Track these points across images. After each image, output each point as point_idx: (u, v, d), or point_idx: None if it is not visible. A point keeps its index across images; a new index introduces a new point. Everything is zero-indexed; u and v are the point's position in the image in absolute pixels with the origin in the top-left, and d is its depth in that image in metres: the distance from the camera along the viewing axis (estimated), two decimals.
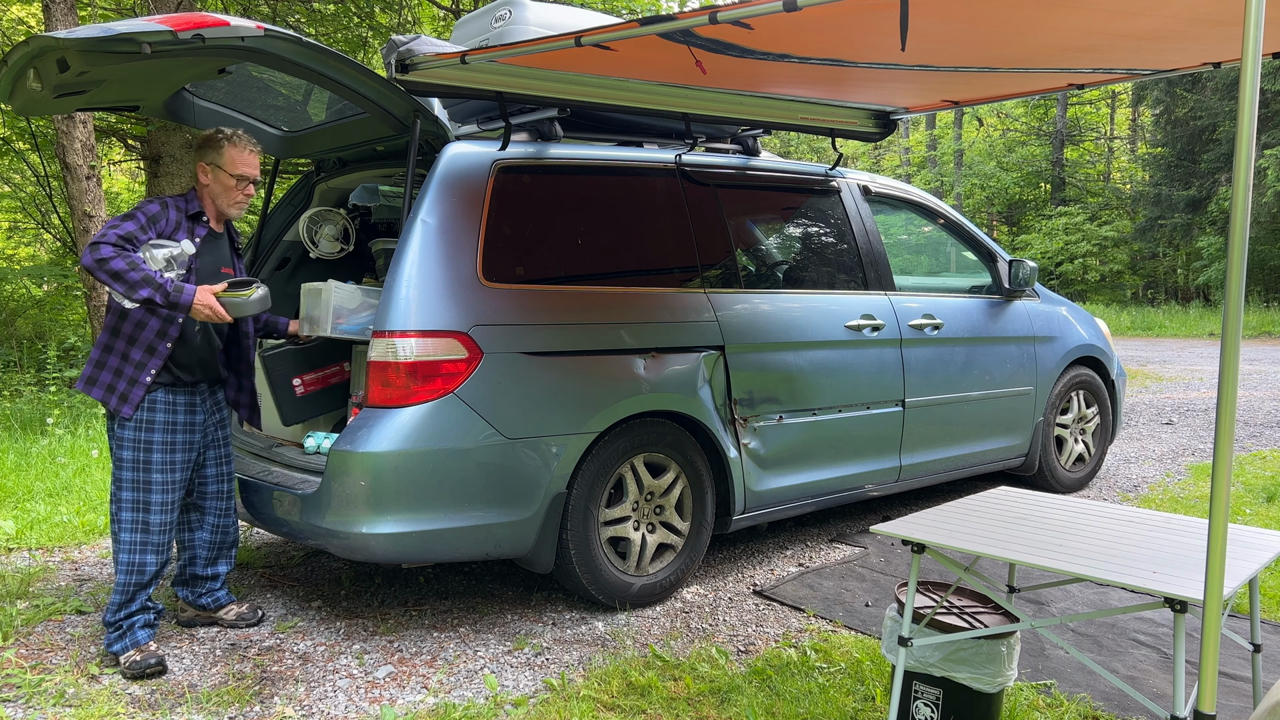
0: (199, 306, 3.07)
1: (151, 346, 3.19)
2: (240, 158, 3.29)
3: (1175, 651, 2.11)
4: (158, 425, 3.23)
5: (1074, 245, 25.36)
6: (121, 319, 3.19)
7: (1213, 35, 2.85)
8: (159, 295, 2.99)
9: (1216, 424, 1.90)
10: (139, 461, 3.21)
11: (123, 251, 2.97)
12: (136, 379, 3.17)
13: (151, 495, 3.23)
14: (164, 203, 3.20)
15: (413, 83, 3.27)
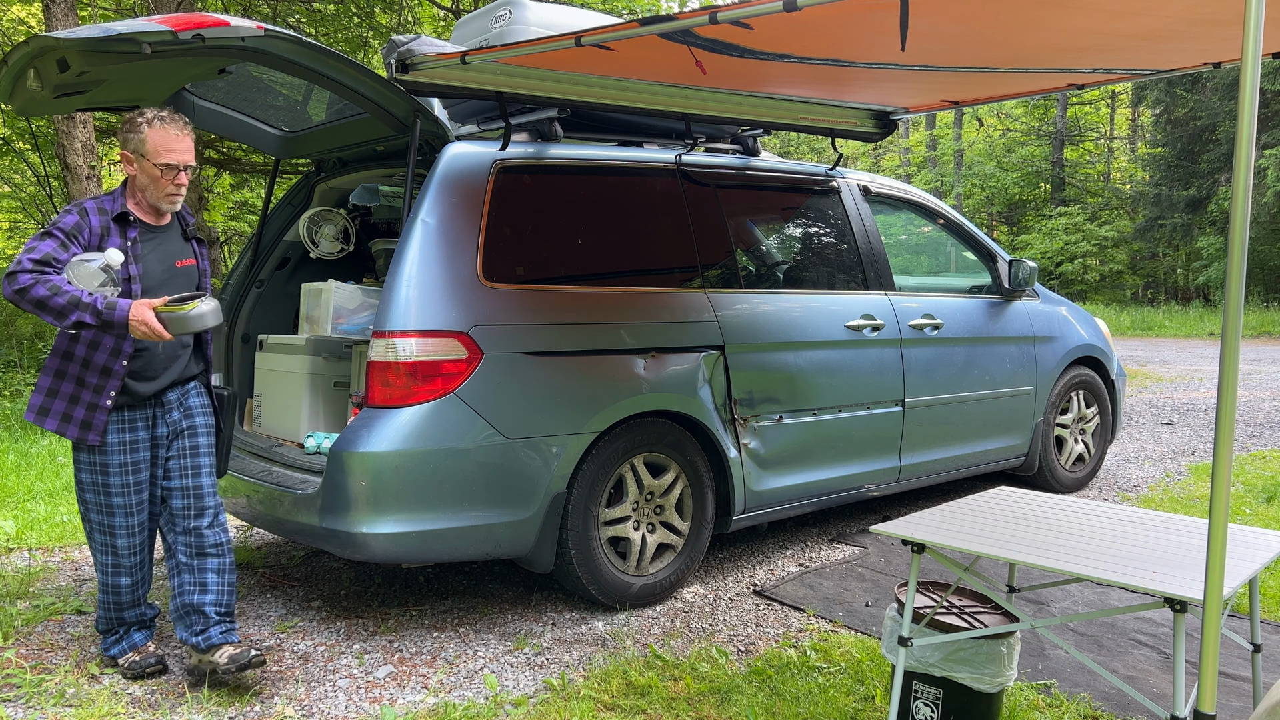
0: (134, 323, 2.76)
1: (107, 368, 2.94)
2: (165, 142, 2.89)
3: (1175, 651, 2.11)
4: (112, 448, 3.00)
5: (1074, 245, 25.38)
6: (74, 341, 2.95)
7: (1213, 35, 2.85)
8: (89, 316, 2.72)
9: (1216, 424, 1.90)
10: (98, 486, 3.03)
11: (42, 276, 2.69)
12: (97, 404, 2.94)
13: (115, 518, 3.05)
14: (82, 210, 2.89)
15: (413, 83, 3.27)
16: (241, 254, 4.64)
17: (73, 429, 2.95)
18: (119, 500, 3.04)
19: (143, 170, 2.93)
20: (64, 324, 2.71)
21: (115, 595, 3.15)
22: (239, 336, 4.51)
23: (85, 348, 2.94)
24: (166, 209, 3.01)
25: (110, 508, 3.05)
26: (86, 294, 2.73)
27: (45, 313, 2.70)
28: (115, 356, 2.94)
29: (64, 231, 2.82)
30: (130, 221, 2.96)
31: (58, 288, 2.69)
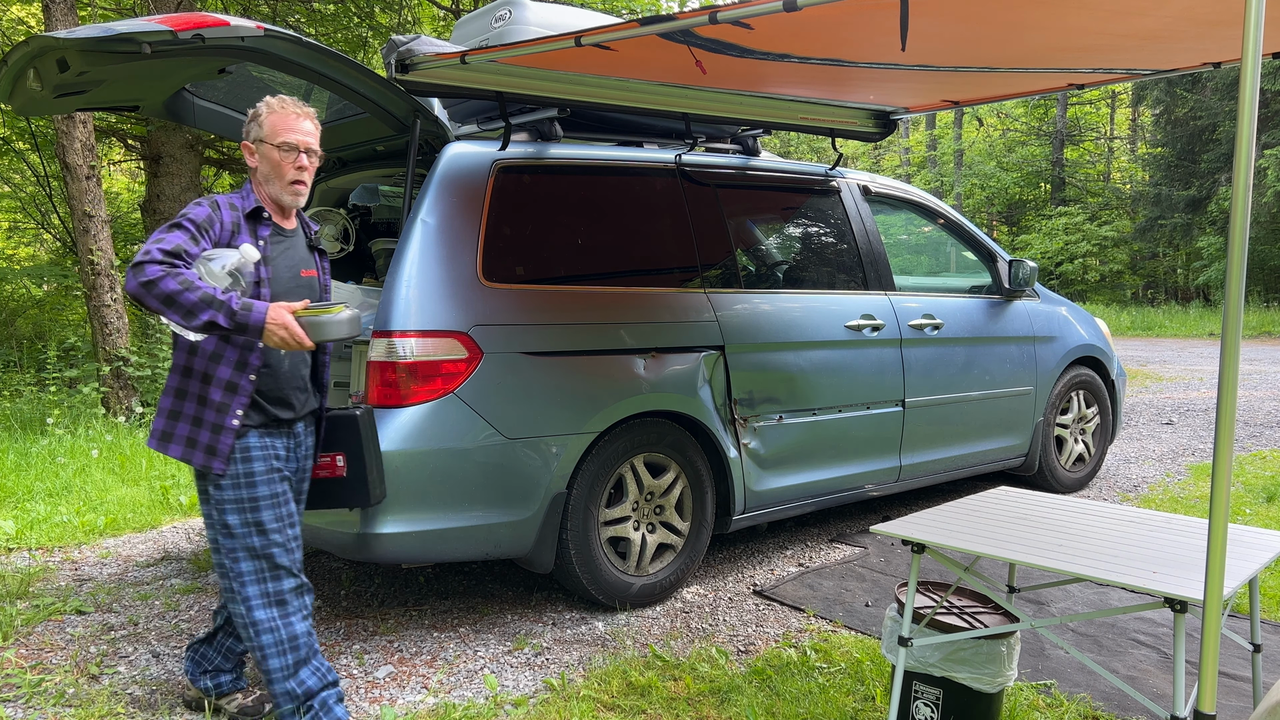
0: (272, 328, 2.43)
1: (232, 384, 2.58)
2: (283, 122, 2.65)
3: (1175, 651, 2.11)
4: (259, 477, 2.61)
5: (1074, 245, 25.37)
6: (191, 354, 2.59)
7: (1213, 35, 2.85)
8: (223, 317, 2.38)
9: (1216, 424, 1.90)
10: (249, 525, 2.60)
11: (173, 269, 2.36)
12: (222, 425, 2.56)
13: (276, 558, 2.62)
14: (214, 203, 2.59)
15: (413, 83, 3.27)
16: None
17: (198, 455, 2.57)
18: (276, 537, 2.62)
19: (263, 157, 2.65)
20: (191, 324, 2.37)
21: (293, 653, 2.64)
22: None
23: (206, 361, 2.58)
24: (289, 201, 2.69)
25: (269, 548, 2.62)
26: (220, 291, 2.40)
27: (172, 310, 2.35)
28: (240, 370, 2.58)
29: (194, 223, 2.50)
30: (263, 219, 2.68)
31: (190, 282, 2.36)
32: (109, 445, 6.85)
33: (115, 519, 5.13)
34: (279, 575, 2.63)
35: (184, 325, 2.38)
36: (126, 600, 3.93)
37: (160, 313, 2.36)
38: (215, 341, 2.57)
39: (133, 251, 14.37)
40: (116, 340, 8.18)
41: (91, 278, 8.10)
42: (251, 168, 2.69)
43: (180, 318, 2.36)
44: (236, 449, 2.58)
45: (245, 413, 2.59)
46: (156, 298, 2.33)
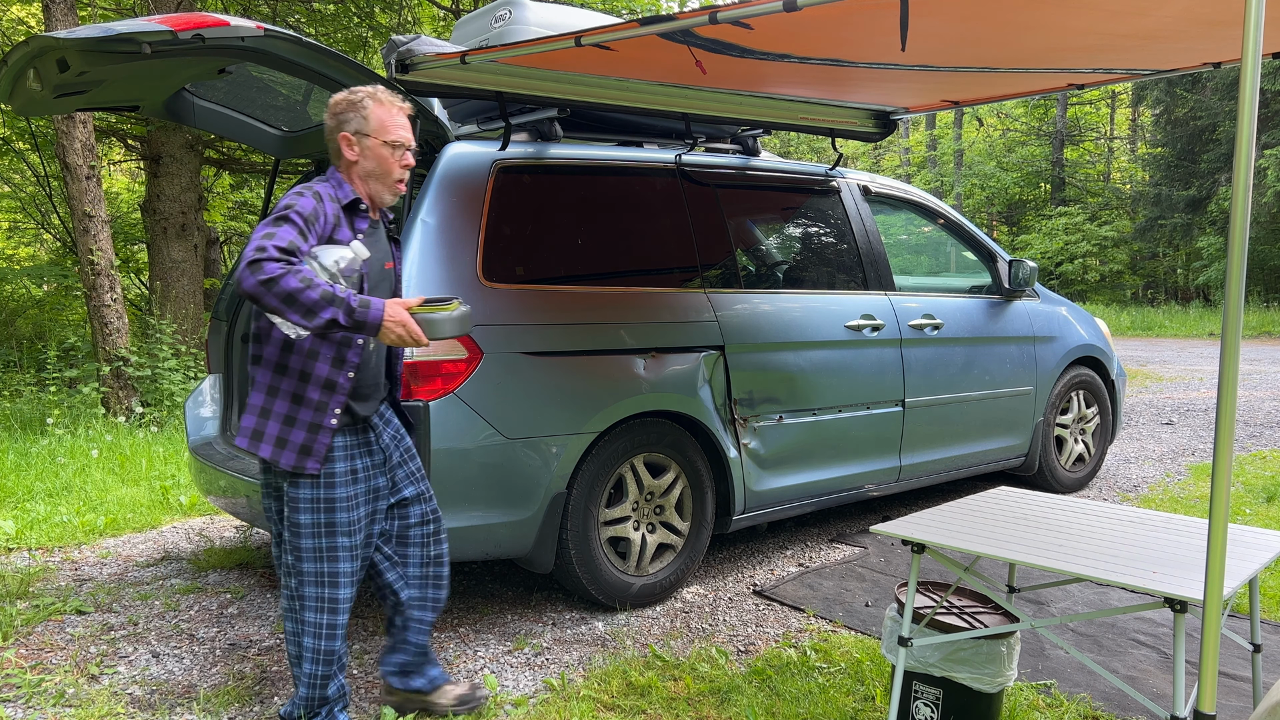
0: (390, 325, 2.36)
1: (330, 382, 2.50)
2: (391, 117, 2.58)
3: (1175, 651, 2.11)
4: (338, 478, 2.55)
5: (1074, 245, 25.37)
6: (286, 351, 2.50)
7: (1213, 35, 2.85)
8: (343, 315, 2.28)
9: (1216, 424, 1.90)
10: (319, 526, 2.54)
11: (291, 266, 2.25)
12: (320, 424, 2.49)
13: (339, 564, 2.57)
14: (317, 195, 2.47)
15: (413, 83, 3.27)
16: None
17: (288, 455, 2.48)
18: (344, 542, 2.57)
19: (367, 152, 2.55)
20: (312, 323, 2.26)
21: (326, 666, 2.61)
22: (239, 336, 4.51)
23: (303, 358, 2.49)
24: (389, 200, 2.63)
25: (334, 552, 2.56)
26: (338, 288, 2.31)
27: (292, 309, 2.24)
28: (338, 368, 2.50)
29: (303, 217, 2.38)
30: (360, 211, 2.58)
31: (309, 280, 2.25)
32: (109, 445, 6.85)
33: (115, 519, 5.13)
34: (337, 582, 2.58)
35: (303, 324, 2.27)
36: (126, 600, 3.93)
37: (277, 312, 2.25)
38: (311, 340, 2.48)
39: (132, 252, 14.37)
40: (116, 340, 8.18)
41: (91, 278, 8.10)
42: (349, 160, 2.57)
43: (300, 316, 2.25)
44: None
45: (342, 413, 2.53)
46: (276, 296, 2.22)
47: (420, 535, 2.82)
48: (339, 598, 2.58)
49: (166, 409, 8.03)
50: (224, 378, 4.51)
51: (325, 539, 2.55)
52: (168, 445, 6.94)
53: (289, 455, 2.49)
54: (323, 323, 2.27)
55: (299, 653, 2.61)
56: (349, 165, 2.58)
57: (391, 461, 2.75)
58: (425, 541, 2.83)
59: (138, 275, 13.82)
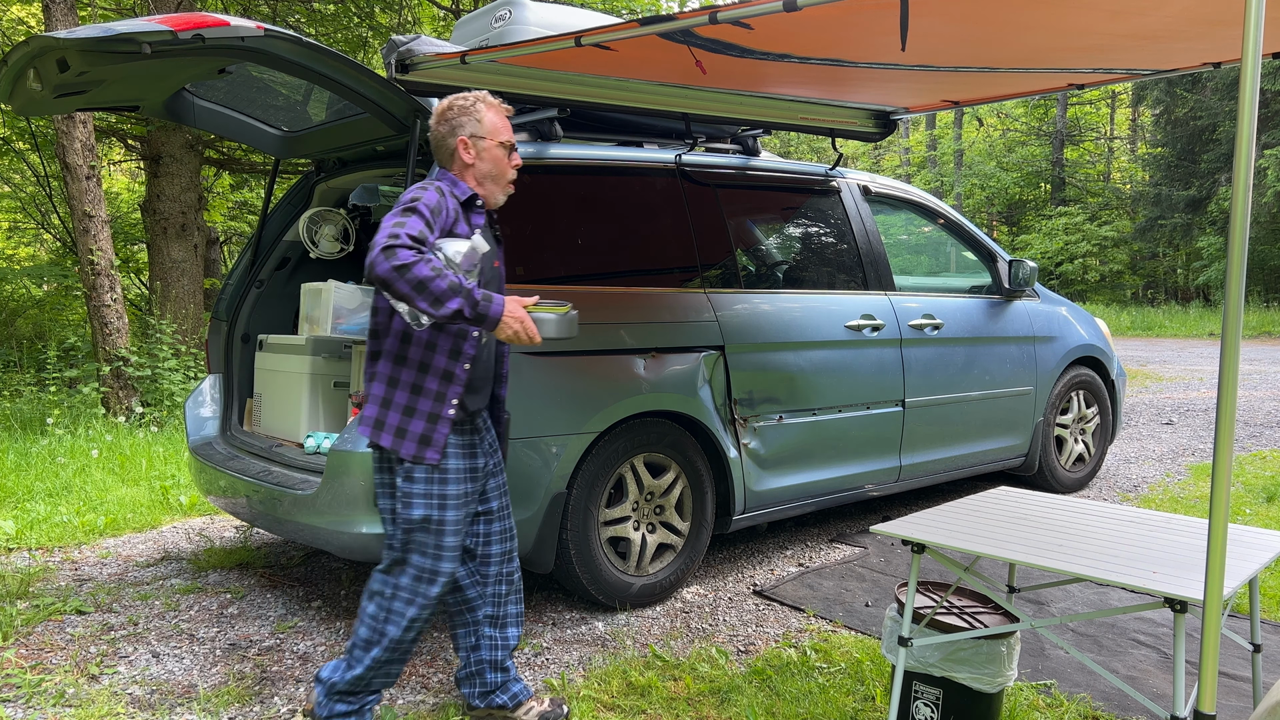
0: (508, 320, 2.39)
1: (448, 372, 2.53)
2: (502, 121, 2.66)
3: (1175, 651, 2.11)
4: (451, 475, 2.57)
5: (1074, 245, 25.38)
6: (405, 342, 2.53)
7: (1213, 35, 2.85)
8: (468, 306, 2.31)
9: (1216, 424, 1.90)
10: (432, 522, 2.55)
11: (422, 255, 2.28)
12: (439, 414, 2.52)
13: (442, 563, 2.57)
14: (439, 189, 2.51)
15: (413, 83, 3.27)
16: (241, 254, 4.64)
17: (408, 445, 2.51)
18: (451, 541, 2.58)
19: (483, 154, 2.62)
20: (438, 312, 2.29)
21: (393, 654, 2.61)
22: (239, 336, 4.51)
23: (421, 350, 2.53)
24: (502, 199, 2.71)
25: (440, 551, 2.57)
26: (464, 280, 2.34)
27: (422, 296, 2.26)
28: (454, 359, 2.54)
29: (429, 209, 2.41)
30: (477, 208, 2.63)
31: (439, 269, 2.29)
32: (109, 445, 6.85)
33: (115, 519, 5.13)
34: (436, 580, 2.58)
35: (430, 312, 2.29)
36: (126, 600, 3.93)
37: (405, 298, 2.27)
38: (429, 331, 2.51)
39: (132, 251, 14.37)
40: (116, 340, 8.18)
41: (91, 278, 8.10)
42: (465, 163, 2.62)
43: (428, 304, 2.27)
44: None
45: (459, 402, 2.55)
46: (409, 282, 2.24)
47: (500, 553, 2.81)
48: (432, 595, 2.58)
49: (166, 409, 8.03)
50: (224, 378, 4.51)
51: (435, 535, 2.56)
52: (168, 445, 6.94)
53: (409, 445, 2.51)
54: (449, 312, 2.29)
55: (374, 637, 2.58)
56: (464, 168, 2.63)
57: (487, 469, 2.76)
58: (505, 558, 2.82)
59: (138, 275, 13.82)
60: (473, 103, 2.63)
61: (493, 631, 2.81)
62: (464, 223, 2.56)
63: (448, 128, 2.62)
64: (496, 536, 2.81)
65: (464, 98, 2.64)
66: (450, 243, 2.46)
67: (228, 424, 4.43)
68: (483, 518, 2.79)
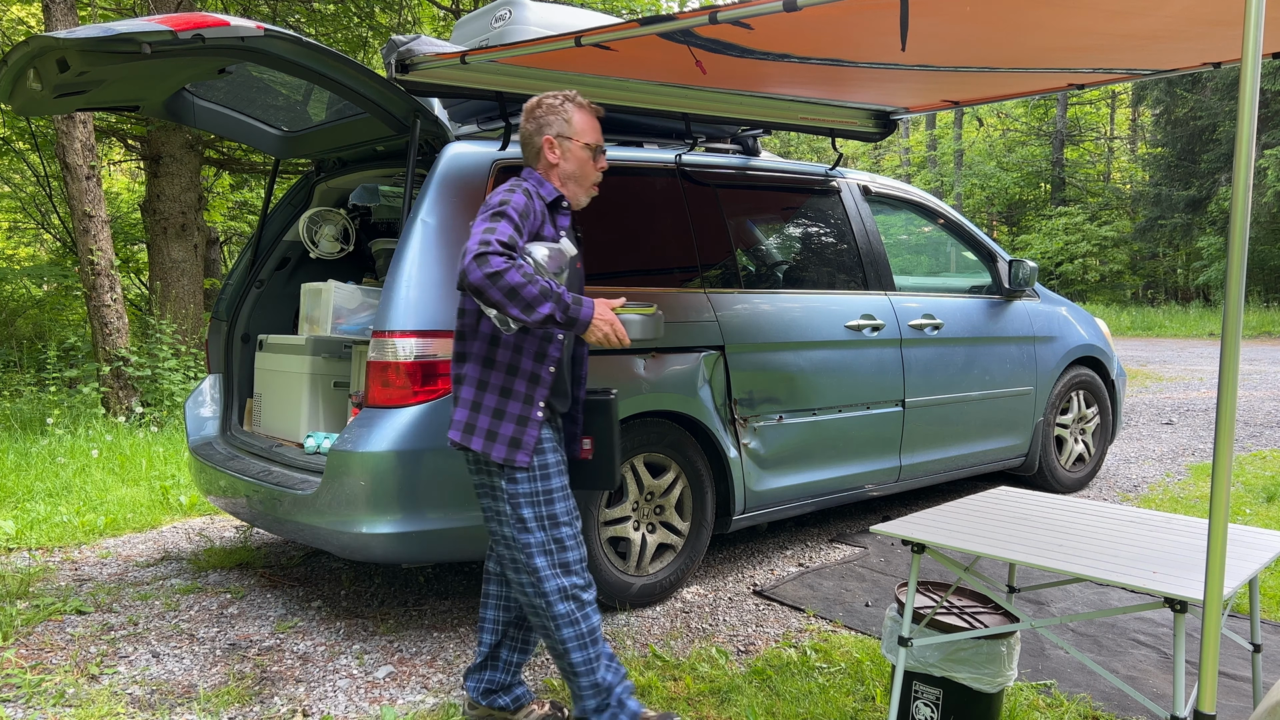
0: (599, 323, 2.38)
1: (534, 375, 2.53)
2: (590, 122, 2.65)
3: (1175, 651, 2.11)
4: (552, 469, 2.58)
5: (1074, 245, 25.39)
6: (492, 345, 2.53)
7: (1213, 35, 2.85)
8: (559, 311, 2.30)
9: (1216, 424, 1.90)
10: (543, 518, 2.55)
11: (513, 261, 2.28)
12: (528, 416, 2.52)
13: (568, 552, 2.58)
14: (526, 191, 2.49)
15: (413, 83, 3.27)
16: (241, 254, 4.64)
17: (499, 448, 2.51)
18: (568, 531, 2.59)
19: (568, 155, 2.61)
20: (530, 318, 2.28)
21: (594, 645, 2.59)
22: (239, 336, 4.51)
23: (509, 352, 2.53)
24: (585, 200, 2.70)
25: (561, 543, 2.57)
26: (554, 284, 2.33)
27: (514, 303, 2.26)
28: (540, 361, 2.54)
29: (518, 212, 2.40)
30: (563, 209, 2.64)
31: (531, 275, 2.28)
32: (109, 445, 6.85)
33: (115, 519, 5.13)
34: (570, 569, 2.58)
35: (522, 318, 2.29)
36: (126, 600, 3.93)
37: (498, 306, 2.27)
38: (515, 334, 2.51)
39: (132, 251, 14.37)
40: (116, 340, 8.18)
41: (91, 278, 8.10)
42: (550, 163, 2.61)
43: (520, 310, 2.27)
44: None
45: (546, 404, 2.57)
46: (501, 289, 2.25)
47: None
48: (578, 584, 2.58)
49: (166, 409, 8.03)
50: (224, 378, 4.51)
51: (550, 530, 2.56)
52: (168, 445, 6.94)
53: (500, 448, 2.51)
54: (540, 318, 2.29)
55: (564, 647, 2.58)
56: (549, 168, 2.62)
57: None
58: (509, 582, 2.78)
59: (138, 275, 13.82)
60: (562, 102, 2.62)
61: (516, 632, 2.81)
62: (550, 224, 2.56)
63: (535, 125, 2.61)
64: None
65: (554, 96, 2.63)
66: (538, 246, 2.44)
67: (228, 424, 4.43)
68: None
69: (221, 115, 4.06)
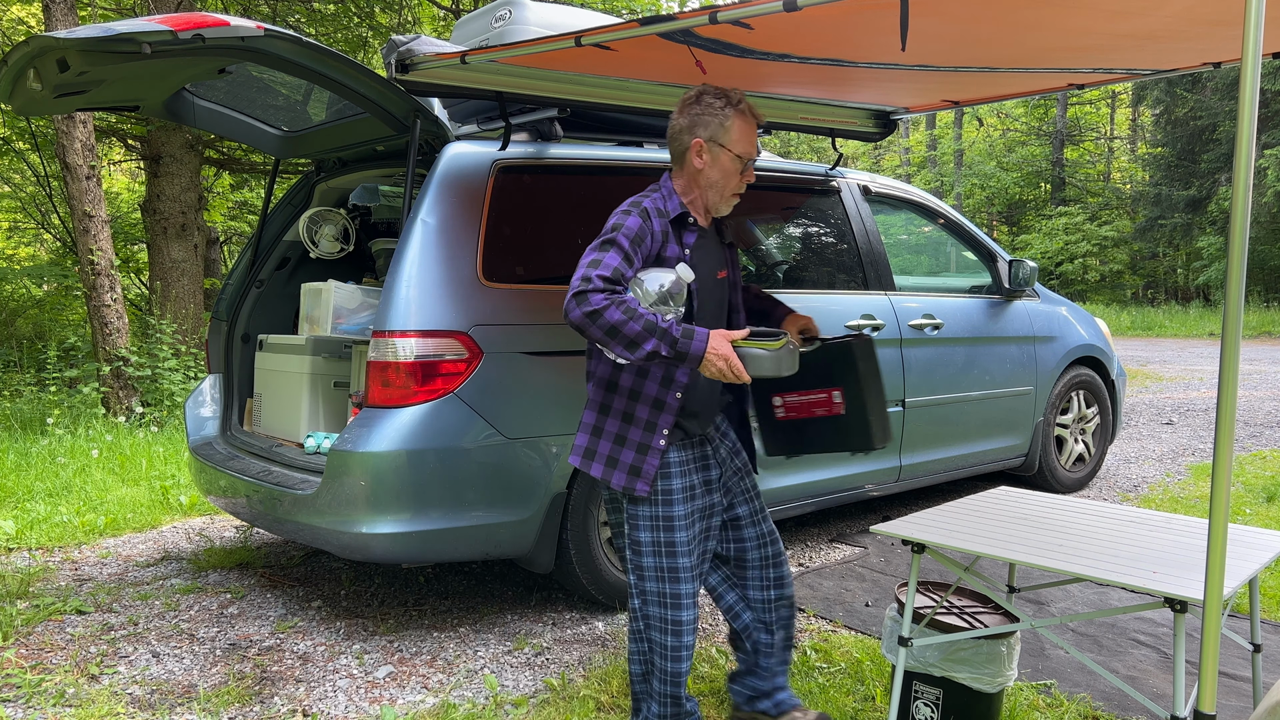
0: (712, 357, 2.25)
1: (659, 401, 2.43)
2: (748, 133, 2.47)
3: (1175, 651, 2.11)
4: (676, 495, 2.46)
5: (1074, 245, 25.39)
6: (617, 369, 2.46)
7: (1213, 35, 2.85)
8: (666, 346, 2.21)
9: (1216, 424, 1.89)
10: (659, 545, 2.45)
11: (615, 296, 2.20)
12: (649, 445, 2.43)
13: (680, 585, 2.46)
14: (644, 212, 2.38)
15: (413, 83, 3.27)
16: (241, 254, 4.64)
17: (619, 475, 2.44)
18: (685, 562, 2.47)
19: (715, 163, 2.45)
20: (634, 355, 2.21)
21: (675, 686, 2.50)
22: (239, 336, 4.51)
23: (632, 376, 2.45)
24: (725, 210, 2.55)
25: (675, 572, 2.46)
26: (660, 318, 2.23)
27: (615, 341, 2.20)
28: (666, 387, 2.43)
29: (629, 239, 2.31)
30: (689, 225, 2.48)
31: (633, 310, 2.20)
32: (109, 445, 6.85)
33: (115, 519, 5.13)
34: (680, 603, 2.46)
35: (625, 356, 2.23)
36: (126, 600, 3.93)
37: (601, 344, 2.23)
38: None
39: (132, 251, 14.37)
40: (116, 340, 8.18)
41: (91, 278, 8.10)
42: (695, 168, 2.46)
43: (623, 348, 2.21)
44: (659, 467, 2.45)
45: (670, 431, 2.44)
46: (600, 328, 2.19)
47: (758, 559, 2.69)
48: (682, 619, 2.47)
49: (166, 409, 8.03)
50: (224, 378, 4.51)
51: (666, 558, 2.46)
52: (168, 445, 6.94)
53: (619, 476, 2.44)
54: (644, 355, 2.21)
55: (647, 672, 2.52)
56: (692, 172, 2.48)
57: (725, 477, 2.66)
58: (764, 564, 2.70)
59: (138, 275, 13.82)
60: (724, 104, 2.45)
61: (767, 637, 2.71)
62: (674, 243, 2.43)
63: (688, 121, 2.46)
64: (752, 543, 2.68)
65: (717, 95, 2.46)
66: (653, 275, 2.32)
67: (228, 424, 4.43)
68: (730, 528, 2.68)
69: (221, 115, 4.06)
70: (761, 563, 2.69)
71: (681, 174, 2.51)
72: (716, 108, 2.44)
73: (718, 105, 2.45)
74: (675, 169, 2.53)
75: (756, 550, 2.69)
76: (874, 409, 2.66)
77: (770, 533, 2.71)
